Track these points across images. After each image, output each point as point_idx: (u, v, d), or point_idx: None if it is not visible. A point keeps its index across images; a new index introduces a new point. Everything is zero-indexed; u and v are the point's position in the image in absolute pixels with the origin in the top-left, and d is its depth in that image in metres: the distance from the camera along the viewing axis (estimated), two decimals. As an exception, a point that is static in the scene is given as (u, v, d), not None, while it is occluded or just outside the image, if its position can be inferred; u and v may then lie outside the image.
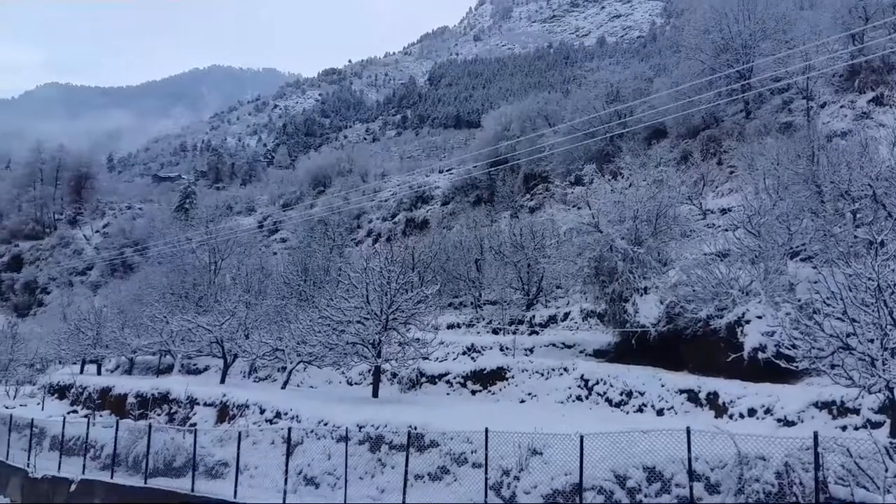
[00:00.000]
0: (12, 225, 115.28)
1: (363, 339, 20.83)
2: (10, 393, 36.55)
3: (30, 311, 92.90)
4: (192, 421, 22.46)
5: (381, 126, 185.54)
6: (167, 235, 67.32)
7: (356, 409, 17.67)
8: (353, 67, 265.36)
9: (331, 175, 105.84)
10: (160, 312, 32.86)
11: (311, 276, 37.82)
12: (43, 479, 22.23)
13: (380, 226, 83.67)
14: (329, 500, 14.76)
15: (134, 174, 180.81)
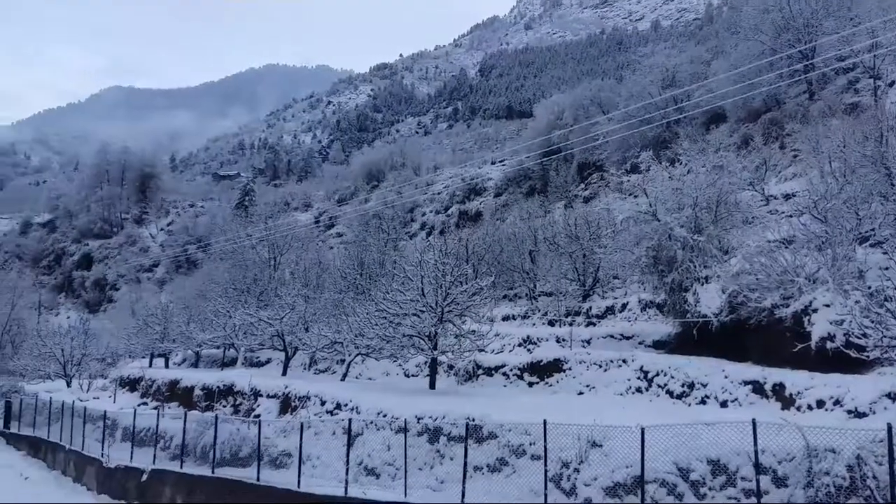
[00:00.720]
0: (82, 225, 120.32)
1: (419, 331, 21.01)
2: (84, 386, 38.22)
3: (100, 307, 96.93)
4: (256, 412, 23.10)
5: (432, 119, 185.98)
6: (228, 232, 69.23)
7: (414, 401, 17.85)
8: (404, 61, 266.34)
9: (384, 169, 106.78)
10: (223, 307, 33.89)
11: (367, 269, 38.32)
12: (116, 469, 23.19)
13: (433, 219, 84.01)
14: (389, 489, 14.97)
15: (195, 173, 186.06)
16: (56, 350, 40.11)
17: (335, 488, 15.37)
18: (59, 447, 28.39)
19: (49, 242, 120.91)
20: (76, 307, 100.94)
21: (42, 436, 30.97)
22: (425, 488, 14.58)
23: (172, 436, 21.94)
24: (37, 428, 32.32)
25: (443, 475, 14.75)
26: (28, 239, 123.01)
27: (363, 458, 16.28)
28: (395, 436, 15.98)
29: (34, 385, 39.61)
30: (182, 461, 20.44)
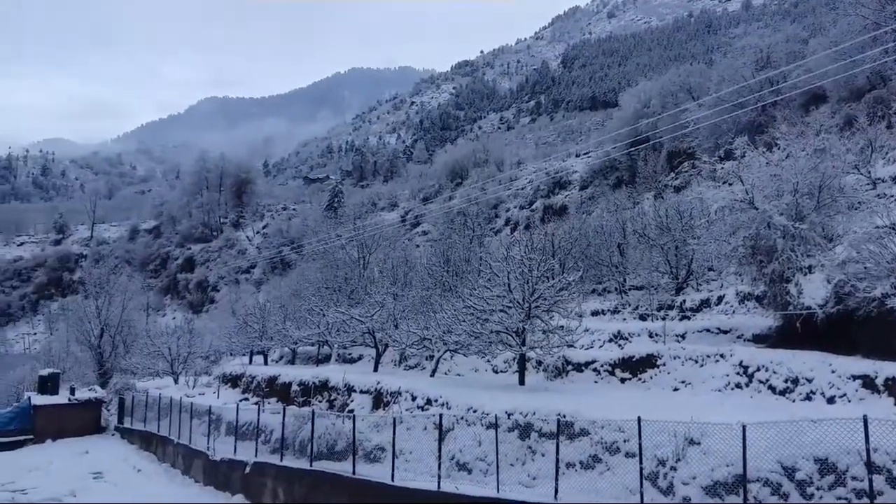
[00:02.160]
0: (184, 230, 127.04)
1: (507, 327, 20.95)
2: (190, 383, 40.29)
3: (203, 307, 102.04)
4: (349, 407, 23.70)
5: (514, 114, 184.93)
6: (319, 233, 71.45)
7: (504, 397, 17.83)
8: (485, 58, 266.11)
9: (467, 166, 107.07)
10: (317, 305, 34.96)
11: (453, 266, 38.55)
12: (221, 462, 24.34)
13: (517, 214, 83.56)
14: (481, 485, 15.02)
15: (287, 177, 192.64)
16: (164, 349, 42.47)
17: (428, 483, 15.58)
18: (169, 441, 30.05)
19: (155, 247, 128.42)
20: (181, 308, 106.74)
21: (153, 430, 32.84)
22: (517, 484, 14.55)
23: (272, 430, 22.81)
24: (147, 423, 34.32)
25: (535, 471, 14.68)
26: (136, 244, 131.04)
27: (455, 453, 16.40)
28: (485, 431, 16.02)
29: (144, 382, 42.09)
30: (282, 454, 21.23)
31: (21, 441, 35.71)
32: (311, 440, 19.92)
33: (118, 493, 24.46)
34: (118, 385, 42.50)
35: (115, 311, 49.60)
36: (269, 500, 21.07)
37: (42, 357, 65.19)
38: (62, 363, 53.77)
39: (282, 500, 20.44)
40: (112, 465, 29.77)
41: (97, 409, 40.03)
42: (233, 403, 28.12)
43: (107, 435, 38.76)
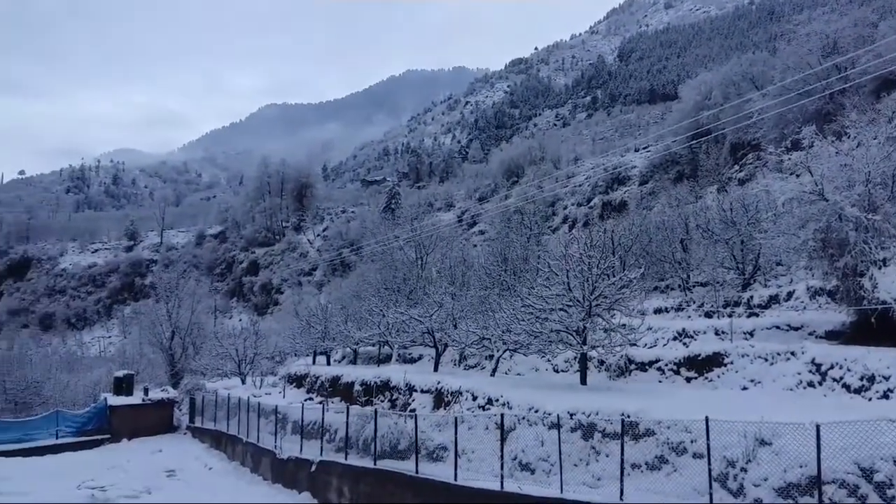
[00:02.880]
0: (248, 234, 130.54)
1: (567, 326, 20.76)
2: (257, 383, 41.37)
3: (267, 309, 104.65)
4: (411, 407, 23.92)
5: (570, 110, 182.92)
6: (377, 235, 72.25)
7: (565, 397, 17.68)
8: (540, 54, 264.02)
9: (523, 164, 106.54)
10: (377, 306, 35.42)
11: (511, 265, 38.42)
12: (288, 460, 24.92)
13: (575, 211, 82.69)
14: (545, 485, 14.94)
15: (345, 180, 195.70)
16: (231, 350, 43.75)
17: (491, 482, 15.59)
18: (238, 439, 30.93)
19: (221, 252, 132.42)
20: (246, 310, 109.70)
21: (222, 429, 33.85)
22: (581, 485, 14.41)
23: (336, 429, 23.21)
24: (217, 422, 35.39)
25: (599, 472, 14.51)
26: (203, 249, 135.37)
27: (517, 453, 16.36)
28: (547, 431, 15.92)
29: (214, 383, 43.43)
30: (346, 453, 21.59)
31: (99, 440, 37.33)
32: (374, 439, 20.19)
33: (191, 490, 25.32)
34: (189, 385, 43.99)
35: (184, 314, 51.31)
36: (334, 498, 21.46)
37: (117, 359, 68.08)
38: (136, 365, 55.98)
39: (347, 498, 20.79)
40: (184, 464, 30.85)
41: (169, 408, 41.51)
42: (298, 403, 28.72)
43: (179, 434, 40.16)
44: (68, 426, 37.55)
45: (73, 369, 66.41)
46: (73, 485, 26.01)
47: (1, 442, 34.51)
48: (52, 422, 37.39)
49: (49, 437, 36.43)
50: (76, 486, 25.89)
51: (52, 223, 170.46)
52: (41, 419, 38.09)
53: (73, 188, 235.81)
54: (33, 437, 36.14)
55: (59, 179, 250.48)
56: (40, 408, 45.75)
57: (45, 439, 36.18)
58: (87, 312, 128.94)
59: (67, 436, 36.97)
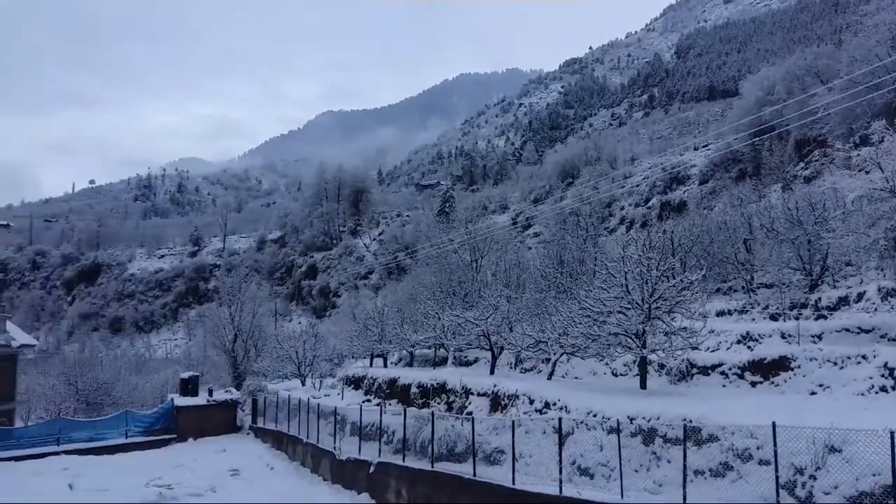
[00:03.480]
0: (307, 239, 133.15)
1: (625, 329, 20.41)
2: (316, 385, 42.06)
3: (325, 312, 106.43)
4: (467, 409, 23.92)
5: (626, 109, 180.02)
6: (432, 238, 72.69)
7: (625, 401, 17.39)
8: (594, 54, 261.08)
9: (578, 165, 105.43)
10: (432, 309, 35.59)
11: (567, 267, 38.06)
12: (347, 461, 25.25)
13: (633, 212, 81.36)
14: (604, 490, 14.73)
15: (400, 184, 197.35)
16: (291, 352, 44.62)
17: (549, 487, 15.45)
18: (298, 440, 31.51)
19: (280, 256, 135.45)
20: (305, 313, 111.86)
21: (283, 430, 34.55)
22: (642, 491, 14.14)
23: (394, 431, 23.39)
24: (278, 423, 36.15)
25: (660, 478, 14.21)
26: (263, 254, 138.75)
27: (575, 457, 16.17)
28: (607, 436, 15.69)
29: (275, 384, 44.35)
30: (404, 455, 21.74)
31: (166, 439, 38.62)
32: (431, 441, 20.27)
33: (253, 489, 25.94)
34: (251, 387, 45.06)
35: (246, 317, 52.66)
36: (393, 500, 21.64)
37: (182, 361, 70.43)
38: (200, 366, 57.77)
39: (405, 500, 20.93)
40: (247, 463, 31.62)
41: (233, 409, 42.63)
42: (356, 405, 29.08)
43: (242, 434, 41.18)
44: (137, 426, 38.98)
45: (142, 371, 68.98)
46: (142, 482, 26.99)
47: (75, 441, 36.06)
48: (121, 421, 38.88)
49: (119, 437, 37.88)
50: (145, 483, 26.86)
51: (121, 230, 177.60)
52: (112, 419, 39.65)
53: (141, 196, 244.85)
54: (104, 436, 37.64)
55: (127, 188, 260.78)
56: (110, 408, 47.66)
57: (115, 438, 37.64)
58: (154, 316, 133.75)
59: (136, 435, 38.38)
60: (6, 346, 41.03)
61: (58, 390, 51.01)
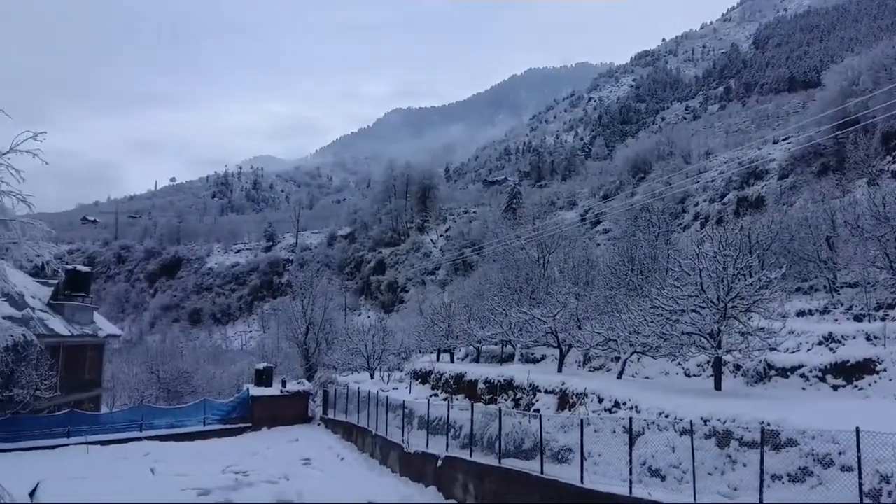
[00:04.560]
0: (375, 235, 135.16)
1: (699, 328, 19.88)
2: (384, 378, 42.72)
3: (393, 307, 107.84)
4: (534, 407, 23.83)
5: (701, 102, 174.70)
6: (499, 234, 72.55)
7: (698, 402, 16.97)
8: (667, 45, 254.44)
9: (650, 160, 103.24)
10: (499, 306, 35.57)
11: (638, 265, 37.31)
12: (415, 454, 25.55)
13: (707, 208, 79.10)
14: (676, 492, 14.42)
15: (467, 181, 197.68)
16: (360, 346, 45.43)
17: (618, 487, 15.25)
18: (367, 432, 32.08)
19: (350, 252, 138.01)
20: (374, 308, 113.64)
21: (353, 421, 35.24)
22: (716, 494, 13.78)
23: (461, 426, 23.53)
24: (348, 414, 36.88)
25: (735, 482, 13.82)
26: (334, 249, 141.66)
27: (646, 458, 15.90)
28: (679, 437, 15.35)
29: (344, 377, 45.28)
30: (471, 450, 21.84)
31: (241, 428, 39.99)
32: (498, 437, 20.30)
33: (325, 478, 26.59)
34: (322, 379, 46.17)
35: (317, 310, 53.93)
36: (460, 494, 21.78)
37: (257, 352, 72.70)
38: (274, 358, 59.52)
39: (473, 495, 21.04)
40: (318, 453, 32.43)
41: (305, 400, 43.77)
42: (423, 399, 29.38)
43: (313, 425, 42.23)
44: (214, 414, 40.51)
45: (219, 361, 71.68)
46: (219, 468, 28.06)
47: (156, 427, 37.79)
48: (200, 410, 40.50)
49: (197, 424, 39.45)
50: (222, 469, 27.90)
51: (200, 226, 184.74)
52: (190, 407, 41.35)
53: (218, 193, 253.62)
54: (184, 423, 39.29)
55: (205, 185, 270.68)
56: (189, 396, 49.77)
57: (194, 426, 39.23)
58: (230, 308, 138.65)
59: (213, 423, 39.89)
60: (94, 335, 43.39)
61: (141, 378, 53.68)
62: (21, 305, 35.60)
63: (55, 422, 34.46)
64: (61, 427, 34.16)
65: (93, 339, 43.43)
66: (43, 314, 37.84)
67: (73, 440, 33.50)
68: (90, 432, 34.77)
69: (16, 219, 10.35)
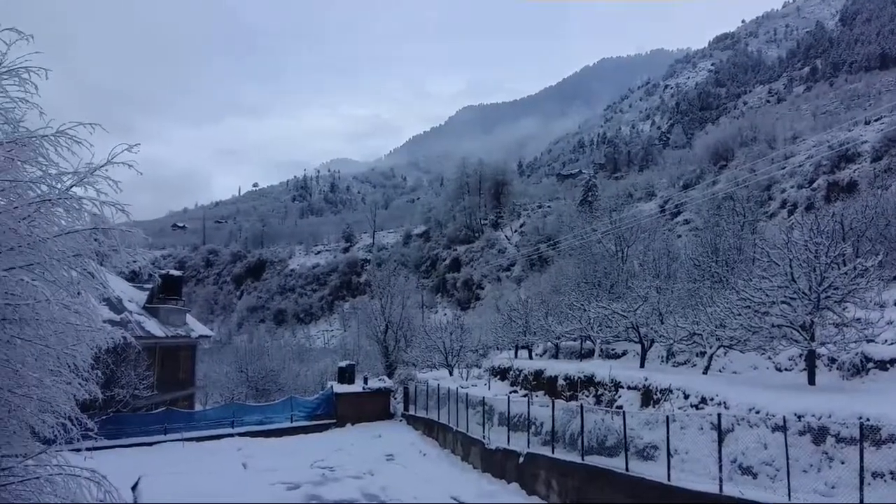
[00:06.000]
0: (450, 233, 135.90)
1: (790, 320, 19.05)
2: (463, 375, 42.93)
3: (469, 304, 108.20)
4: (617, 403, 23.44)
5: (785, 84, 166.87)
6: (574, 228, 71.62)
7: (790, 397, 16.28)
8: (748, 27, 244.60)
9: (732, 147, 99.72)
10: (577, 301, 35.12)
11: (723, 255, 36.06)
12: (496, 451, 25.60)
13: (795, 194, 75.74)
14: (769, 490, 13.89)
15: (540, 175, 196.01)
16: (438, 343, 45.81)
17: (707, 485, 14.83)
18: (448, 428, 32.33)
19: (425, 250, 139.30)
20: (450, 305, 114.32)
21: (433, 418, 35.58)
22: (811, 492, 13.20)
23: (542, 422, 23.41)
24: (428, 411, 37.27)
25: (833, 479, 13.19)
26: (409, 248, 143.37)
27: (736, 455, 15.39)
28: (771, 434, 14.78)
29: (424, 373, 45.77)
30: (553, 447, 21.70)
31: (326, 424, 41.02)
32: (580, 434, 20.09)
33: (408, 474, 26.98)
34: (402, 376, 46.82)
35: (396, 309, 54.72)
36: (543, 491, 21.68)
37: (339, 350, 74.49)
38: (355, 356, 60.83)
39: (556, 492, 20.90)
40: (401, 449, 32.92)
41: (386, 397, 44.52)
42: (502, 395, 29.39)
43: (394, 421, 42.89)
44: (300, 411, 41.73)
45: (303, 360, 73.75)
46: (306, 464, 28.95)
47: (246, 423, 39.28)
48: (287, 407, 41.83)
49: (285, 421, 40.75)
50: (309, 465, 28.77)
51: (282, 229, 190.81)
52: (278, 404, 42.74)
53: (298, 196, 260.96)
54: (272, 420, 40.67)
55: (286, 189, 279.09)
56: (276, 394, 51.46)
57: (281, 422, 40.53)
58: (312, 308, 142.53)
59: (300, 419, 41.10)
60: (187, 336, 45.51)
61: (231, 377, 55.94)
62: (120, 309, 37.73)
63: (153, 419, 36.33)
64: (159, 424, 35.98)
65: (186, 339, 45.55)
66: (140, 317, 39.97)
67: (169, 437, 35.22)
68: (185, 429, 36.47)
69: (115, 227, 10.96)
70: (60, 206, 10.89)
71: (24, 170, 10.95)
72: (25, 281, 9.81)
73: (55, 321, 11.00)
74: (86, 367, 12.78)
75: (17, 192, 10.59)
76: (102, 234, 11.20)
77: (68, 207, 10.96)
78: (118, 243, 11.33)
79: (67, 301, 10.91)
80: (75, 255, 10.99)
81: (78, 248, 11.00)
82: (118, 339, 13.02)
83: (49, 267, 10.59)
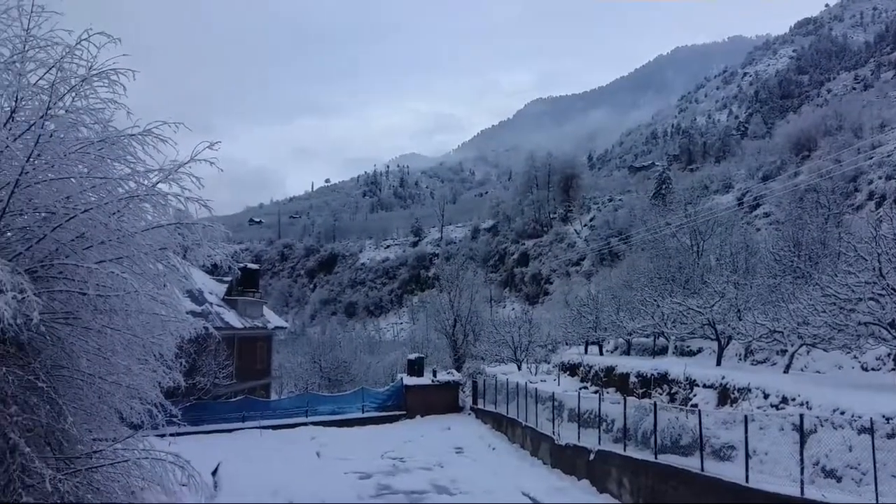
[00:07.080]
0: (518, 227, 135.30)
1: (878, 318, 18.10)
2: (532, 370, 42.72)
3: (538, 299, 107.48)
4: (692, 402, 22.83)
5: (873, 70, 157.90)
6: (647, 222, 70.02)
7: (879, 398, 15.47)
8: (832, 11, 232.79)
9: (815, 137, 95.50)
10: (650, 296, 34.35)
11: (805, 250, 34.57)
12: (566, 447, 25.38)
13: (883, 186, 71.93)
14: (854, 495, 13.27)
15: (611, 168, 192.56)
16: (507, 337, 45.73)
17: (788, 487, 14.30)
18: (517, 423, 32.27)
19: (493, 244, 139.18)
20: (518, 300, 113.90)
21: (502, 412, 35.57)
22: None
23: (613, 419, 23.07)
24: (497, 405, 37.28)
25: (926, 487, 12.50)
26: (477, 242, 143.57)
27: (819, 457, 14.76)
28: (857, 436, 14.11)
29: (492, 368, 45.79)
30: (625, 444, 21.36)
31: (396, 416, 41.61)
32: (654, 432, 19.67)
33: (477, 467, 27.11)
34: (470, 369, 47.01)
35: (464, 303, 54.92)
36: (614, 489, 21.38)
37: (408, 343, 75.32)
38: (424, 349, 61.37)
39: (627, 490, 20.58)
40: (470, 442, 33.09)
41: (455, 390, 44.79)
42: (572, 391, 29.08)
43: (463, 414, 43.12)
44: (371, 402, 42.49)
45: (374, 352, 75.10)
46: (377, 454, 29.50)
47: (319, 413, 40.30)
48: (358, 397, 42.69)
49: (356, 411, 41.59)
50: (380, 455, 29.31)
51: (353, 223, 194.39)
52: (350, 395, 43.67)
53: (368, 192, 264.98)
54: (344, 410, 41.57)
55: (356, 185, 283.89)
56: (348, 385, 52.59)
57: (353, 413, 41.39)
58: (382, 301, 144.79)
59: (371, 410, 41.85)
60: (263, 328, 47.02)
61: (304, 367, 57.50)
62: (201, 301, 39.32)
63: (232, 407, 37.73)
64: (237, 412, 37.35)
65: (262, 331, 47.07)
66: (219, 308, 41.53)
67: (247, 424, 36.50)
68: (262, 417, 37.73)
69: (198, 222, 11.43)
70: (147, 201, 11.45)
71: (114, 167, 11.56)
72: (115, 273, 10.35)
73: (143, 312, 11.57)
74: (170, 356, 13.40)
75: (107, 188, 11.19)
76: (186, 228, 11.70)
77: (155, 203, 11.51)
78: (201, 237, 11.82)
79: (154, 293, 11.45)
80: (161, 248, 11.53)
81: (163, 242, 11.54)
82: (200, 329, 13.60)
83: (137, 260, 11.16)
